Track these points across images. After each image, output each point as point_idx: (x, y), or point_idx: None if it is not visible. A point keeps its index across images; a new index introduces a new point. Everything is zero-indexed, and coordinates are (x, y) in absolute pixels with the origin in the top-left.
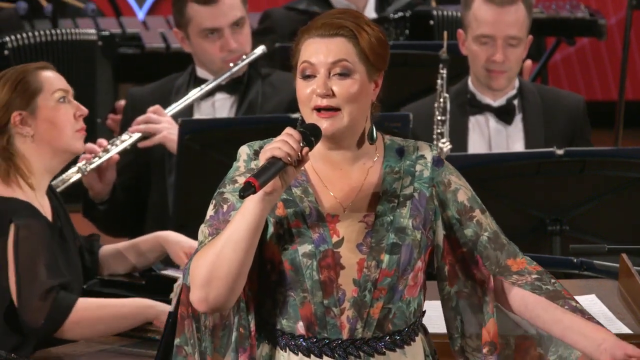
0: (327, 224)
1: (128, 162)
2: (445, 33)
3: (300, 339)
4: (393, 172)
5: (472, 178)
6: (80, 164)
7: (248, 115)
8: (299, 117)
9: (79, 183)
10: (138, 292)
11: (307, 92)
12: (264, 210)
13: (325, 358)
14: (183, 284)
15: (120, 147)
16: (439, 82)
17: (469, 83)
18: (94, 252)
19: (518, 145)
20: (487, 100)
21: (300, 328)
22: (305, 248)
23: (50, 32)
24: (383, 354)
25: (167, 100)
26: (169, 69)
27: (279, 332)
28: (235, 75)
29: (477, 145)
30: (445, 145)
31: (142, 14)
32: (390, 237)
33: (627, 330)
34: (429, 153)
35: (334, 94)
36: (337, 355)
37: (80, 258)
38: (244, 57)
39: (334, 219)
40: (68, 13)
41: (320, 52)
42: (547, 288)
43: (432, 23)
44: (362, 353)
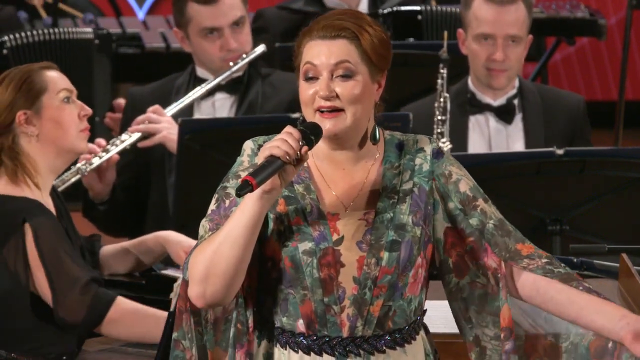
0: (327, 222)
1: (128, 162)
2: (445, 33)
3: (301, 337)
4: (393, 167)
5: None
6: (80, 165)
7: (248, 115)
8: (300, 116)
9: (79, 183)
10: (138, 292)
11: (309, 93)
12: (263, 208)
13: (325, 356)
14: (182, 279)
15: (120, 147)
16: (439, 81)
17: (469, 83)
18: (95, 252)
19: (518, 145)
20: (487, 100)
21: (301, 326)
22: (306, 245)
23: (49, 31)
24: (383, 352)
25: (167, 100)
26: (169, 69)
27: (279, 330)
28: (235, 75)
29: (477, 145)
30: (446, 145)
31: (142, 14)
32: (390, 234)
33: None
34: (429, 146)
35: (337, 96)
36: (337, 353)
37: (82, 259)
38: (244, 56)
39: (335, 217)
40: (68, 16)
41: (322, 54)
42: (558, 271)
43: (420, 18)
44: (362, 351)
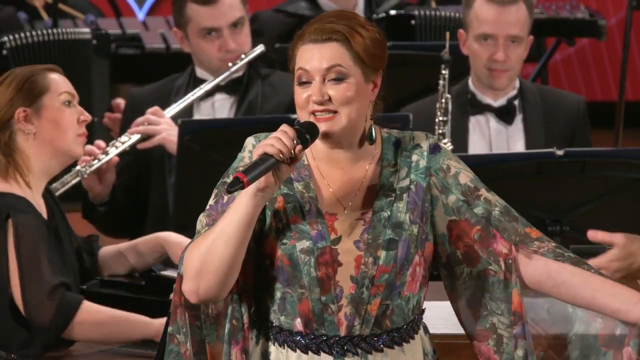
0: (325, 221)
1: (128, 163)
2: (447, 34)
3: (298, 336)
4: (390, 165)
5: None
6: (80, 167)
7: (248, 116)
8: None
9: (79, 185)
10: (138, 292)
11: (303, 97)
12: (257, 207)
13: (323, 355)
14: (178, 273)
15: (120, 149)
16: (441, 82)
17: (470, 83)
18: (94, 253)
19: (518, 146)
20: (487, 101)
21: (298, 325)
22: (303, 244)
23: (48, 31)
24: (381, 351)
25: (167, 101)
26: (169, 70)
27: (277, 328)
28: (235, 76)
29: (477, 146)
30: (447, 146)
31: (142, 15)
32: (387, 233)
33: (619, 344)
34: (425, 142)
35: (330, 99)
36: (334, 353)
37: (79, 259)
38: (243, 56)
39: (333, 217)
40: (68, 17)
41: (314, 58)
42: (568, 255)
43: (413, 23)
44: (359, 350)
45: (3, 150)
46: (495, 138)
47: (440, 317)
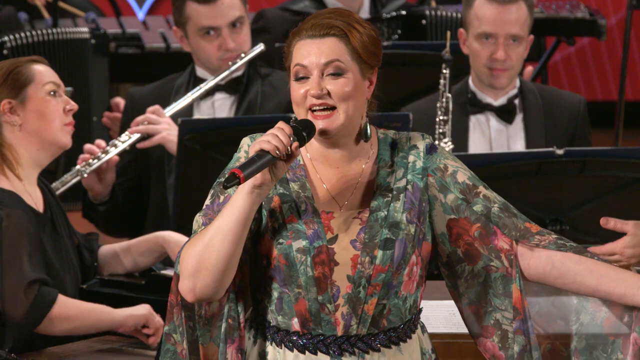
0: (321, 220)
1: (127, 162)
2: (448, 33)
3: (295, 336)
4: (386, 165)
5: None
6: (79, 166)
7: (248, 115)
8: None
9: (79, 184)
10: (138, 292)
11: (301, 92)
12: (253, 204)
13: (320, 355)
14: (174, 272)
15: (120, 148)
16: (442, 81)
17: (470, 82)
18: (93, 250)
19: (519, 145)
20: (487, 100)
21: (295, 324)
22: (300, 244)
23: (46, 31)
24: (378, 351)
25: (167, 100)
26: (169, 69)
27: (274, 328)
28: (235, 75)
29: (477, 145)
30: (447, 145)
31: (142, 14)
32: (384, 232)
33: (626, 330)
34: (422, 142)
35: (329, 94)
36: (331, 352)
37: (80, 256)
38: (242, 55)
39: (329, 216)
40: (68, 15)
41: (312, 53)
42: (571, 244)
43: (424, 23)
44: (356, 350)
45: None
46: (496, 137)
47: (440, 317)
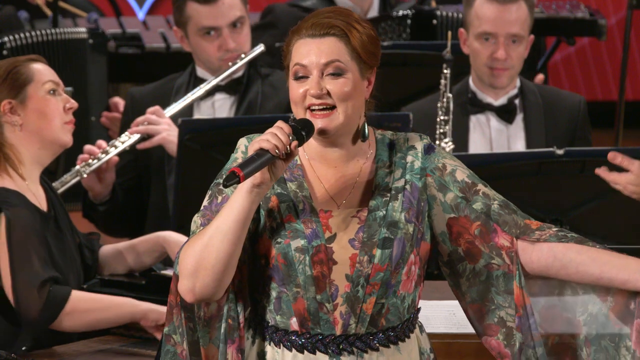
0: (319, 220)
1: (127, 163)
2: (449, 33)
3: (294, 335)
4: (385, 166)
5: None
6: (79, 166)
7: (248, 115)
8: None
9: (79, 184)
10: (138, 292)
11: (300, 92)
12: (252, 203)
13: (319, 354)
14: (173, 273)
15: (120, 148)
16: (443, 82)
17: (470, 82)
18: (94, 250)
19: (519, 145)
20: (488, 100)
21: (294, 324)
22: (298, 243)
23: (45, 32)
24: (376, 350)
25: (167, 101)
26: (169, 69)
27: (273, 328)
28: (235, 75)
29: (478, 145)
30: (448, 145)
31: (142, 14)
32: (382, 231)
33: (626, 330)
34: (419, 143)
35: (328, 93)
36: (330, 352)
37: (81, 255)
38: (242, 56)
39: (327, 215)
40: (69, 14)
41: (312, 53)
42: (572, 235)
43: (435, 23)
44: (355, 349)
45: None
46: (496, 137)
47: (440, 317)
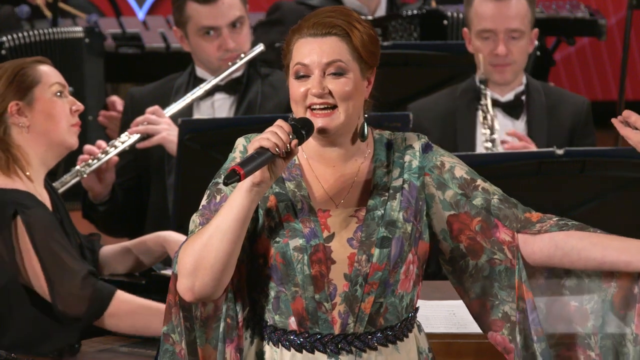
0: (318, 219)
1: (127, 163)
2: (465, 30)
3: (292, 335)
4: (383, 165)
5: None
6: (79, 166)
7: (248, 115)
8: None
9: (79, 183)
10: (138, 292)
11: (301, 91)
12: (252, 202)
13: (317, 353)
14: (172, 272)
15: (119, 148)
16: (483, 101)
17: (476, 80)
18: (95, 250)
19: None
20: (495, 96)
21: (293, 323)
22: (296, 242)
23: (41, 31)
24: (375, 349)
25: (166, 100)
26: (169, 69)
27: (272, 327)
28: (235, 75)
29: (484, 140)
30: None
31: (142, 14)
32: (381, 231)
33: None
34: (417, 142)
35: (330, 93)
36: (328, 351)
37: (82, 256)
38: (242, 55)
39: (325, 214)
40: (68, 16)
41: (314, 52)
42: (572, 223)
43: (445, 23)
44: (354, 348)
45: (0, 146)
46: (502, 133)
47: (440, 317)
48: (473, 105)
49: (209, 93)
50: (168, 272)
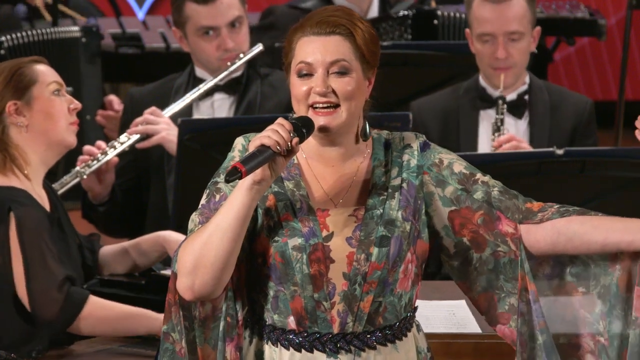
0: (317, 218)
1: (127, 163)
2: (467, 30)
3: (291, 334)
4: (381, 165)
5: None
6: (79, 167)
7: (247, 115)
8: (292, 113)
9: (79, 184)
10: (138, 292)
11: (303, 89)
12: (253, 200)
13: (316, 353)
14: (171, 271)
15: (119, 149)
16: (497, 117)
17: (480, 79)
18: (94, 250)
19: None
20: (498, 95)
21: (291, 323)
22: (295, 241)
23: (39, 31)
24: (374, 349)
25: (166, 101)
26: (169, 69)
27: (270, 327)
28: (234, 75)
29: (487, 139)
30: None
31: (142, 14)
32: (380, 229)
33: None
34: (415, 142)
35: (333, 92)
36: (327, 350)
37: (82, 256)
38: (241, 55)
39: (324, 214)
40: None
41: (318, 51)
42: (574, 209)
43: (436, 23)
44: (353, 347)
45: None
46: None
47: (440, 317)
48: (475, 104)
49: (209, 93)
50: (168, 272)
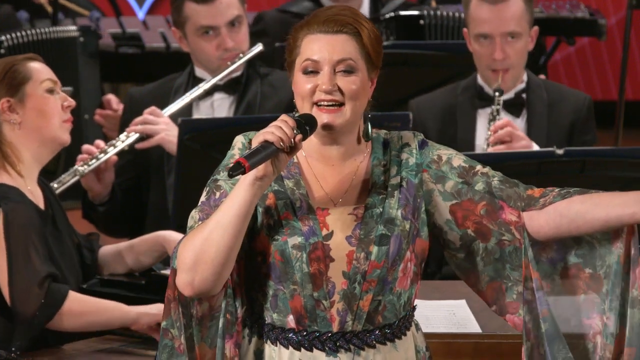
0: (316, 217)
1: (126, 162)
2: (465, 30)
3: (291, 333)
4: (380, 164)
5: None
6: (78, 166)
7: (247, 115)
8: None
9: (79, 184)
10: (138, 291)
11: (308, 87)
12: (254, 197)
13: (316, 351)
14: (171, 267)
15: (118, 148)
16: (494, 107)
17: (478, 78)
18: (94, 250)
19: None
20: (495, 87)
21: (291, 321)
22: (295, 240)
23: (37, 31)
24: (373, 347)
25: (166, 101)
26: (169, 69)
27: (270, 326)
28: (234, 75)
29: (484, 137)
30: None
31: (142, 14)
32: (379, 228)
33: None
34: (414, 140)
35: (339, 90)
36: (327, 349)
37: (80, 255)
38: (241, 55)
39: (324, 212)
40: (70, 13)
41: (325, 49)
42: (574, 190)
43: (422, 23)
44: (352, 346)
45: None
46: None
47: (440, 316)
48: (473, 102)
49: (209, 93)
50: (168, 271)
